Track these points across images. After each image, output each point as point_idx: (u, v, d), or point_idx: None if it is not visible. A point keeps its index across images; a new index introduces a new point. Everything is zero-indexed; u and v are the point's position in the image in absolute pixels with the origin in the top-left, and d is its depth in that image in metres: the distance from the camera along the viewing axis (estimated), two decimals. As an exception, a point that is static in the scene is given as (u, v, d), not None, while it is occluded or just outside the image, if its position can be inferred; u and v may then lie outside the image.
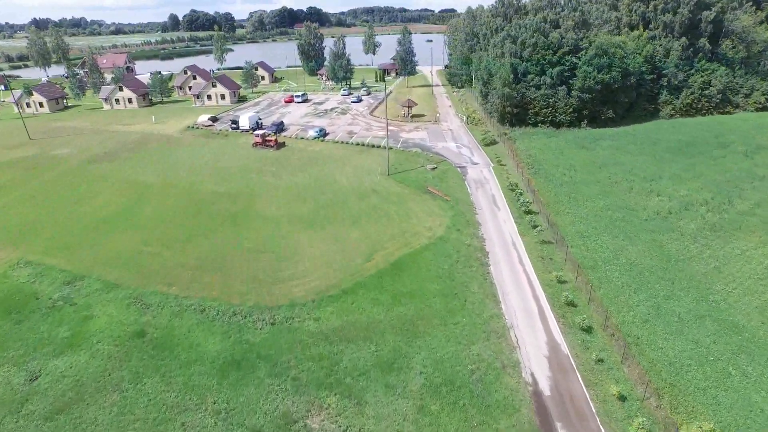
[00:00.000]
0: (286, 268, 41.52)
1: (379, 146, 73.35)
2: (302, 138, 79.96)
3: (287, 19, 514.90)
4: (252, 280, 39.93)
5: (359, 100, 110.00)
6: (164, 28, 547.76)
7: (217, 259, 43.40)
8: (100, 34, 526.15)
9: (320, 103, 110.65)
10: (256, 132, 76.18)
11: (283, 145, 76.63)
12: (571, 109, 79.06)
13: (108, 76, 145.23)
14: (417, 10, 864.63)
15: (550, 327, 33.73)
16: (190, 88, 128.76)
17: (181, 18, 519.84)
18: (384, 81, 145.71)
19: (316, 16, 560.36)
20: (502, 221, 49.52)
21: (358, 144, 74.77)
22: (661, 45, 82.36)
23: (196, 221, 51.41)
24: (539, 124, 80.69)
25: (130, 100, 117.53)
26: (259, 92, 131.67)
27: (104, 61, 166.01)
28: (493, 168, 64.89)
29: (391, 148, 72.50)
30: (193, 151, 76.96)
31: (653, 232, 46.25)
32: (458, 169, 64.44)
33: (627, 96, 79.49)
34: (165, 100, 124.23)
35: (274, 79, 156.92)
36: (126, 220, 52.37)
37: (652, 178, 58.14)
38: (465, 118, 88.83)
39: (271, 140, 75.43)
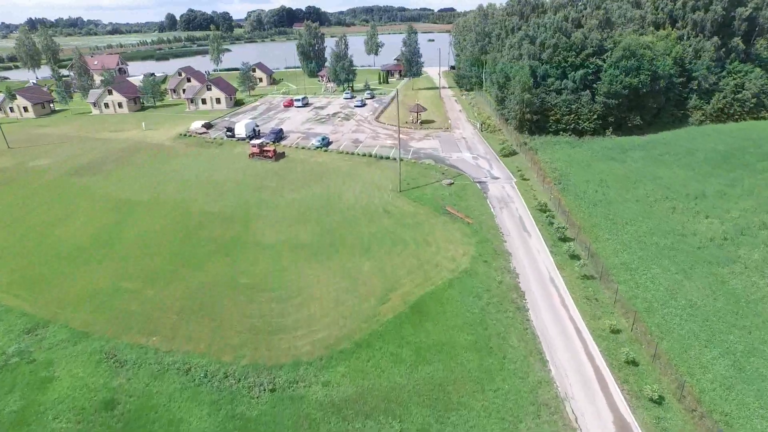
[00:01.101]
0: (289, 313, 35.20)
1: (388, 157, 67.02)
2: (303, 147, 73.56)
3: (286, 18, 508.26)
4: (248, 329, 33.61)
5: (363, 105, 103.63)
6: (161, 27, 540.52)
7: (206, 300, 37.06)
8: (96, 34, 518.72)
9: (322, 108, 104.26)
10: (252, 141, 69.80)
11: (282, 155, 70.27)
12: (595, 116, 72.86)
13: (98, 79, 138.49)
14: (416, 9, 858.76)
15: (614, 397, 27.45)
16: (184, 90, 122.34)
17: (178, 18, 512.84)
18: (387, 83, 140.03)
19: (315, 15, 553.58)
20: (535, 251, 43.22)
21: (365, 155, 68.37)
22: (690, 45, 76.11)
23: (184, 249, 45.06)
24: (560, 132, 74.42)
25: (120, 105, 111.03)
26: (257, 95, 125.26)
27: (95, 63, 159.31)
28: (516, 183, 58.62)
29: (401, 160, 66.20)
30: (184, 162, 70.54)
31: (711, 264, 40.03)
32: (477, 185, 58.15)
33: (656, 101, 73.27)
34: (157, 104, 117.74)
35: (273, 81, 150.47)
36: (105, 247, 46.00)
37: (696, 196, 51.93)
38: (479, 125, 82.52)
39: (269, 151, 69.07)
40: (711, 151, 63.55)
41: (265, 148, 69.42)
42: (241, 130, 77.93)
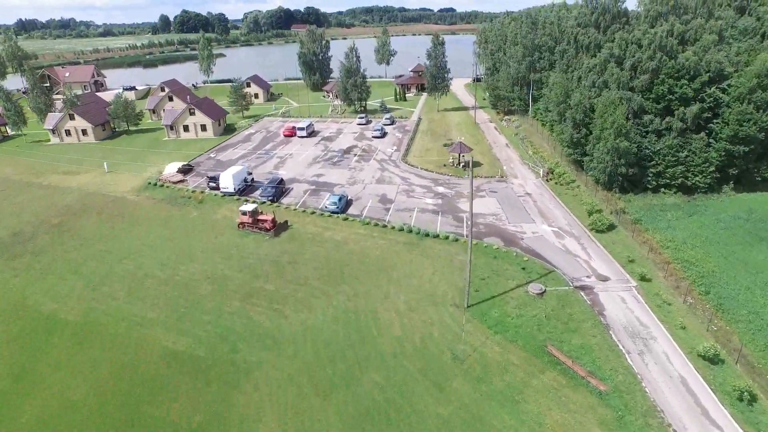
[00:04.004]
0: None
1: (437, 235, 46.97)
2: (313, 212, 53.34)
3: (284, 19, 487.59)
4: None
5: (383, 134, 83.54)
6: (155, 29, 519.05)
7: None
8: (87, 36, 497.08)
9: (331, 138, 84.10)
10: (243, 208, 49.65)
11: (284, 226, 50.16)
12: (712, 168, 53.15)
13: (74, 90, 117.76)
14: (416, 9, 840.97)
15: None
16: (165, 111, 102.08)
17: (172, 19, 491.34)
18: (405, 99, 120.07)
19: (314, 16, 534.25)
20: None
21: (402, 229, 48.18)
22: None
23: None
24: (662, 189, 54.72)
25: (84, 132, 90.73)
26: (252, 116, 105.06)
27: (66, 74, 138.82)
28: (638, 290, 38.71)
29: (455, 240, 46.21)
30: (147, 235, 50.43)
31: None
32: (581, 294, 38.27)
33: (796, 147, 53.60)
34: (132, 128, 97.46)
35: (270, 97, 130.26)
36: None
37: None
38: (542, 172, 62.58)
39: (265, 220, 49.07)
40: None
41: (260, 218, 49.40)
42: (228, 182, 57.76)
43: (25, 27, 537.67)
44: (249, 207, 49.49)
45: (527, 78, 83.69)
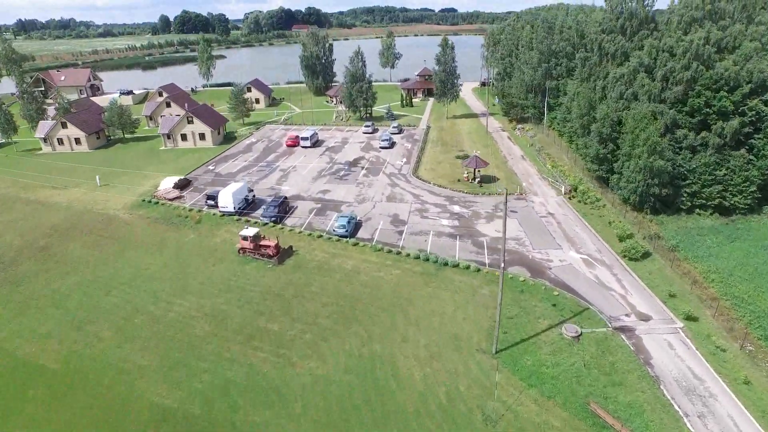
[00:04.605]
0: None
1: (456, 264, 42.79)
2: (320, 235, 49.09)
3: (285, 19, 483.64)
4: None
5: (390, 144, 79.40)
6: (155, 30, 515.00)
7: None
8: (87, 36, 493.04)
9: (336, 149, 79.94)
10: (244, 232, 45.52)
11: (288, 252, 45.98)
12: (753, 187, 48.99)
13: (66, 97, 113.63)
14: (417, 9, 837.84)
15: None
16: (163, 117, 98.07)
17: (172, 19, 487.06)
18: (411, 105, 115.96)
19: (315, 16, 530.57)
20: None
21: (418, 257, 43.97)
22: None
23: None
24: (697, 210, 50.59)
25: (77, 140, 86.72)
26: (253, 123, 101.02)
27: (62, 78, 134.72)
28: (686, 332, 34.55)
29: (477, 271, 42.09)
30: (138, 261, 46.31)
31: None
32: (622, 337, 34.12)
33: None
34: (127, 137, 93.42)
35: (272, 102, 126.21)
36: None
37: None
38: (564, 189, 58.42)
39: (268, 246, 44.95)
40: None
41: (262, 243, 45.29)
42: (227, 201, 53.61)
43: (25, 27, 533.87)
44: (250, 231, 45.37)
45: (543, 85, 79.55)
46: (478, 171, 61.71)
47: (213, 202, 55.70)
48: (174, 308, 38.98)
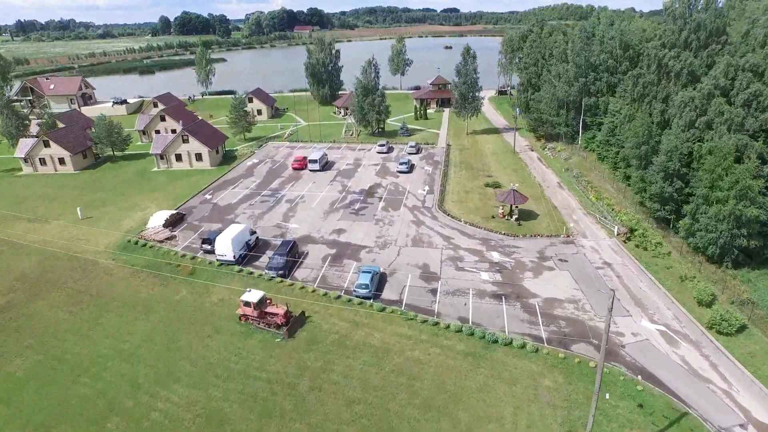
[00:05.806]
0: None
1: (508, 342, 34.51)
2: (337, 296, 40.74)
3: (286, 20, 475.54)
4: None
5: (409, 168, 71.20)
6: (154, 31, 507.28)
7: None
8: (86, 38, 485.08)
9: (349, 174, 71.59)
10: (245, 298, 37.27)
11: (300, 320, 37.75)
12: None
13: (50, 110, 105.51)
14: (419, 9, 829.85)
15: None
16: (157, 132, 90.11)
17: (172, 20, 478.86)
18: (426, 118, 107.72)
19: (317, 17, 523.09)
20: None
21: (459, 330, 35.68)
22: None
23: None
24: (786, 261, 42.36)
25: (61, 160, 78.53)
26: (255, 138, 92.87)
27: (51, 87, 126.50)
28: (830, 457, 26.33)
29: (534, 352, 33.81)
30: (116, 329, 38.12)
31: None
32: (746, 462, 25.91)
33: None
34: (117, 155, 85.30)
35: (275, 112, 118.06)
36: None
37: None
38: (616, 231, 50.06)
39: (276, 314, 36.73)
40: None
41: (268, 310, 37.07)
42: (225, 248, 45.27)
43: (24, 28, 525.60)
44: (253, 296, 37.16)
45: (578, 102, 71.29)
46: (516, 207, 53.50)
47: (209, 247, 47.48)
48: (158, 404, 30.79)
